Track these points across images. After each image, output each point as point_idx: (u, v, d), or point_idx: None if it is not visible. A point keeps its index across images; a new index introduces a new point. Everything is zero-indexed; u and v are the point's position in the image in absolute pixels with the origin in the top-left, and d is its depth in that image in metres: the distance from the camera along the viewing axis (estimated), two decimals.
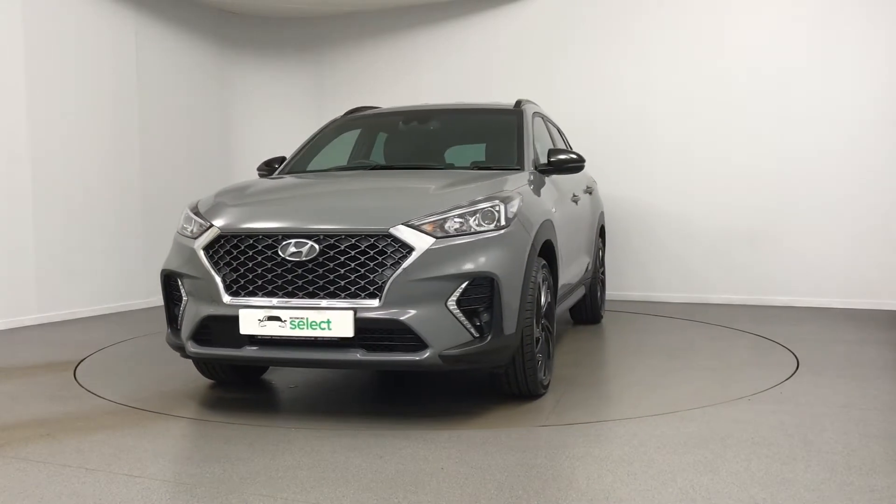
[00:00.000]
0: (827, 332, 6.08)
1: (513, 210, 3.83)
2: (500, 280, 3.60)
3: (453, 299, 3.54)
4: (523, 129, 4.93)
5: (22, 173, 6.97)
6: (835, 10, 7.30)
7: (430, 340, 3.51)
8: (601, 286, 6.80)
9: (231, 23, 9.36)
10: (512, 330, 3.70)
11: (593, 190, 6.52)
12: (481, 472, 3.00)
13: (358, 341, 3.55)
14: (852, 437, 3.38)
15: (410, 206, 3.70)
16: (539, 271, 4.01)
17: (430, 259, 3.53)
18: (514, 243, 3.77)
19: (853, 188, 7.26)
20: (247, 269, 3.70)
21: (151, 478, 3.02)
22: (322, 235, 3.61)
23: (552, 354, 4.36)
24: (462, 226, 3.65)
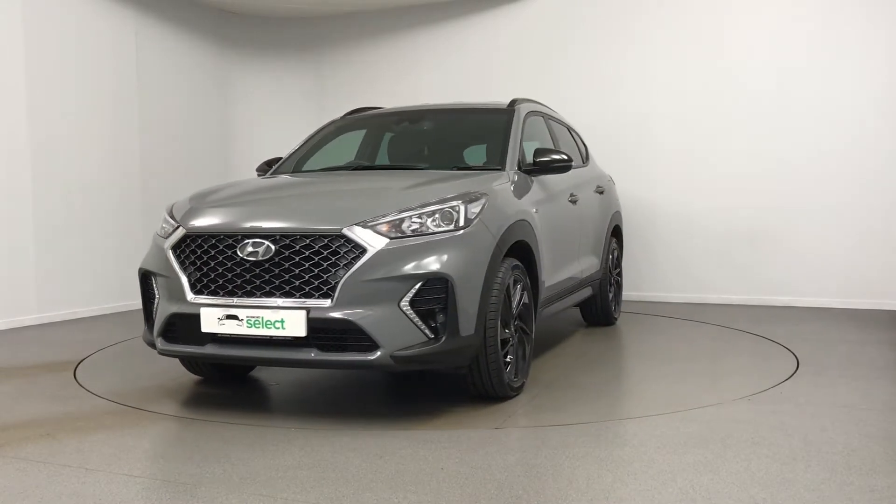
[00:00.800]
0: (827, 332, 6.08)
1: (474, 211, 3.83)
2: (454, 281, 3.60)
3: (406, 300, 3.55)
4: (510, 129, 4.90)
5: (22, 173, 6.97)
6: (835, 11, 7.30)
7: (381, 341, 3.52)
8: (616, 287, 6.66)
9: (231, 23, 9.36)
10: (470, 331, 3.69)
11: (605, 189, 6.41)
12: (481, 472, 3.00)
13: (312, 341, 3.60)
14: (852, 437, 3.38)
15: (366, 207, 3.73)
16: (509, 272, 4.00)
17: (383, 259, 3.56)
18: (474, 244, 3.76)
19: (853, 188, 7.26)
20: (209, 268, 3.79)
21: (151, 478, 3.02)
22: (278, 235, 3.67)
23: (528, 355, 4.30)
24: (420, 227, 3.68)
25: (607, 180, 6.67)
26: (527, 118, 5.22)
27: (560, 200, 5.17)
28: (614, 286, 6.61)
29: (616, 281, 6.69)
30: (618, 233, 6.76)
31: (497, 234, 3.92)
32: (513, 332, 4.08)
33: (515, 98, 5.42)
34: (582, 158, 6.34)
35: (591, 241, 5.90)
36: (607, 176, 6.77)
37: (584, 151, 6.52)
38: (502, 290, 3.90)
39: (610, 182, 6.73)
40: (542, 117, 5.66)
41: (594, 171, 6.43)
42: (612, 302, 6.54)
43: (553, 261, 4.86)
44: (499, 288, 3.87)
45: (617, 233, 6.72)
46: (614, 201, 6.69)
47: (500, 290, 3.88)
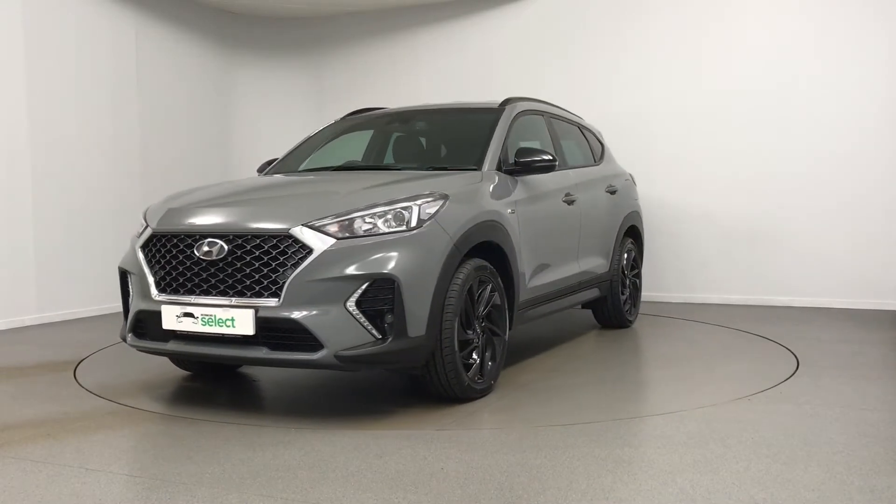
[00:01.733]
0: (827, 332, 6.08)
1: (428, 212, 3.84)
2: (401, 282, 3.61)
3: (352, 300, 3.58)
4: (495, 129, 4.88)
5: (22, 173, 6.97)
6: (837, 12, 7.30)
7: (325, 340, 3.56)
8: (632, 289, 6.47)
9: (231, 23, 9.36)
10: (420, 332, 3.69)
11: (619, 189, 6.29)
12: (481, 472, 3.00)
13: (261, 339, 3.67)
14: (852, 437, 3.37)
15: (316, 208, 3.77)
16: (473, 273, 3.99)
17: (329, 260, 3.59)
18: (426, 245, 3.76)
19: (854, 188, 7.25)
20: (171, 267, 3.91)
21: (151, 478, 3.02)
22: (231, 235, 3.75)
23: (499, 357, 4.28)
24: (372, 227, 3.71)
25: (624, 180, 6.54)
26: (518, 118, 5.16)
27: (551, 200, 5.10)
28: (629, 288, 6.43)
29: (633, 282, 6.53)
30: (634, 233, 6.60)
31: (455, 234, 3.92)
32: (478, 334, 4.08)
33: (510, 97, 5.37)
34: (594, 158, 6.26)
35: (597, 242, 5.82)
36: (625, 175, 6.64)
37: (599, 150, 6.44)
38: (462, 291, 3.91)
39: (627, 182, 6.60)
40: (543, 116, 5.62)
41: (606, 171, 6.30)
42: (627, 304, 6.38)
43: (539, 261, 4.82)
44: (458, 289, 3.88)
45: (633, 233, 6.57)
46: (630, 201, 6.52)
47: (460, 291, 3.89)
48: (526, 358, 5.25)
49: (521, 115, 5.25)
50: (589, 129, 6.53)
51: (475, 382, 4.05)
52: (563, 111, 6.18)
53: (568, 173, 5.49)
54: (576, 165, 5.83)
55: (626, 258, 6.37)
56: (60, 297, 7.24)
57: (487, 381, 4.16)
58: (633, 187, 6.77)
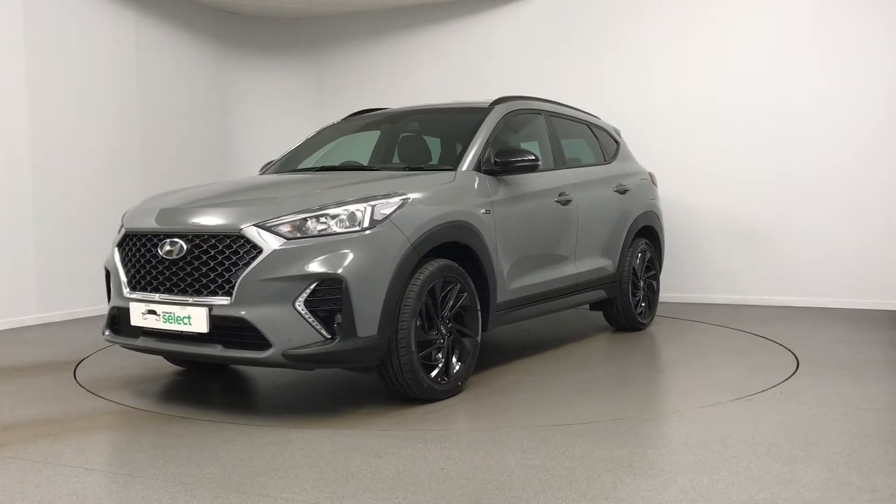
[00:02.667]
0: (827, 332, 6.07)
1: (383, 212, 3.86)
2: (349, 282, 3.64)
3: (301, 300, 3.63)
4: (478, 129, 4.85)
5: (22, 173, 6.97)
6: (841, 14, 7.29)
7: (272, 339, 3.62)
8: (646, 291, 6.32)
9: (231, 23, 9.36)
10: (371, 332, 3.72)
11: (630, 188, 6.16)
12: (481, 472, 3.00)
13: (216, 337, 3.76)
14: (852, 437, 3.37)
15: (272, 208, 3.83)
16: (437, 273, 4.01)
17: (278, 260, 3.65)
18: (379, 245, 3.79)
19: (854, 189, 7.25)
20: (140, 265, 4.05)
21: (151, 478, 3.02)
22: (190, 235, 3.86)
23: (470, 357, 4.25)
24: (325, 228, 3.74)
25: (640, 179, 6.42)
26: (509, 117, 5.13)
27: (539, 200, 5.04)
28: (643, 289, 6.27)
29: (649, 284, 6.37)
30: (650, 233, 6.43)
31: (413, 235, 3.92)
32: (443, 334, 4.09)
33: (503, 97, 5.33)
34: (604, 157, 6.18)
35: (600, 242, 5.72)
36: (641, 174, 6.51)
37: (612, 149, 6.35)
38: (422, 291, 3.92)
39: (644, 181, 6.46)
40: (542, 115, 5.58)
41: (617, 170, 6.18)
42: (641, 306, 6.23)
43: (522, 262, 4.79)
44: (417, 289, 3.89)
45: (648, 233, 6.41)
46: (644, 201, 6.36)
47: (419, 292, 3.90)
48: (527, 357, 5.26)
49: (512, 115, 5.21)
50: (602, 128, 6.43)
51: (438, 383, 4.05)
52: (570, 109, 6.10)
53: (565, 173, 5.45)
54: (578, 165, 5.78)
55: (639, 259, 6.22)
56: (60, 297, 7.24)
57: (454, 382, 4.16)
58: (651, 187, 6.60)
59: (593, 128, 6.29)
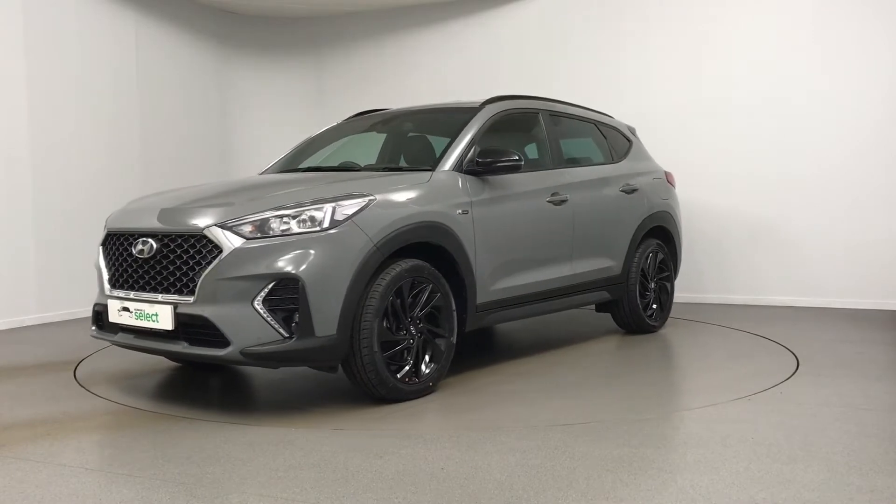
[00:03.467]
0: (827, 332, 6.07)
1: (345, 213, 3.88)
2: (306, 282, 3.69)
3: (259, 299, 3.69)
4: (462, 129, 4.85)
5: (22, 173, 6.97)
6: (840, 13, 7.30)
7: (231, 337, 3.70)
8: (658, 292, 6.18)
9: (231, 22, 9.36)
10: (331, 332, 3.76)
11: (640, 188, 6.03)
12: (481, 472, 3.00)
13: (181, 334, 3.85)
14: (852, 437, 3.37)
15: (235, 209, 3.90)
16: (404, 273, 4.02)
17: (238, 259, 3.72)
18: (339, 245, 3.82)
19: (854, 189, 7.25)
20: (118, 264, 4.19)
21: (151, 478, 3.02)
22: (160, 235, 3.98)
23: (444, 358, 4.25)
24: (286, 228, 3.79)
25: (653, 178, 6.29)
26: (499, 117, 5.09)
27: (528, 200, 4.99)
28: (654, 291, 6.13)
29: (661, 286, 6.23)
30: (663, 234, 6.30)
31: (377, 235, 3.94)
32: (413, 334, 4.10)
33: (496, 96, 5.30)
34: (612, 156, 6.08)
35: (601, 242, 5.62)
36: (654, 174, 6.37)
37: (623, 148, 6.25)
38: (387, 291, 3.94)
39: (656, 181, 6.32)
40: (540, 114, 5.51)
41: (625, 169, 6.06)
42: (652, 307, 6.10)
43: (506, 263, 4.76)
44: (381, 290, 3.91)
45: (661, 234, 6.28)
46: (656, 200, 6.20)
47: (384, 292, 3.92)
48: (529, 355, 5.26)
49: (505, 114, 5.17)
50: (613, 127, 6.32)
51: (405, 383, 4.06)
52: (575, 108, 6.01)
53: (562, 172, 5.38)
54: (579, 164, 5.73)
55: (650, 260, 6.09)
56: (60, 297, 7.24)
57: (424, 383, 4.16)
58: (665, 187, 6.44)
59: (601, 126, 6.20)
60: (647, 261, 6.05)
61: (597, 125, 6.17)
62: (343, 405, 4.14)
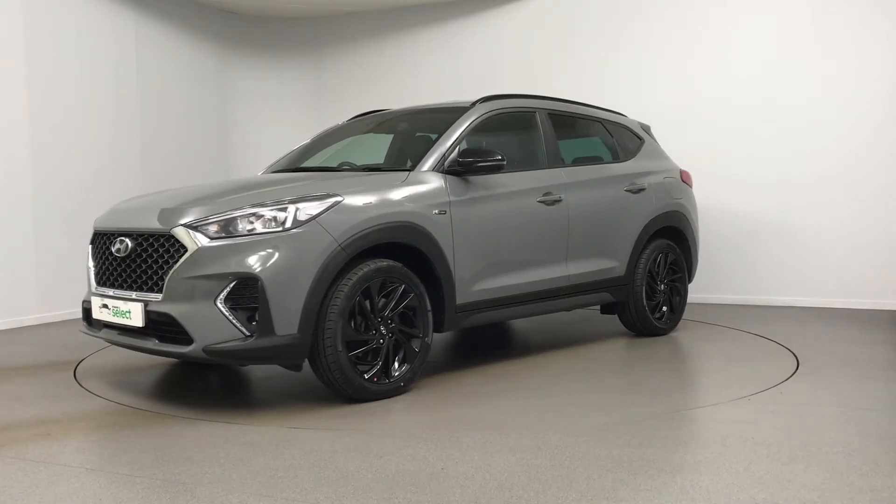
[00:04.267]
0: (827, 332, 6.07)
1: (309, 213, 3.93)
2: (265, 281, 3.75)
3: (222, 297, 3.78)
4: (447, 129, 4.83)
5: (22, 174, 6.97)
6: (842, 10, 7.30)
7: (194, 334, 3.78)
8: (669, 294, 6.03)
9: (231, 23, 9.36)
10: (291, 331, 3.81)
11: (648, 187, 5.87)
12: (481, 472, 3.00)
13: (151, 331, 3.97)
14: (852, 437, 3.37)
15: (200, 209, 3.98)
16: (371, 274, 4.04)
17: (201, 259, 3.81)
18: (302, 245, 3.86)
19: (854, 189, 7.25)
20: (101, 262, 4.34)
21: (151, 478, 3.02)
22: (135, 234, 4.11)
23: (417, 358, 4.26)
24: (252, 228, 3.86)
25: (662, 178, 6.09)
26: (488, 118, 5.05)
27: (516, 200, 4.93)
28: (664, 293, 5.97)
29: (672, 287, 6.06)
30: (674, 234, 6.13)
31: (342, 236, 3.97)
32: (383, 334, 4.12)
33: (488, 95, 5.27)
34: (619, 155, 5.95)
35: (602, 242, 5.51)
36: (666, 172, 6.19)
37: (633, 146, 6.10)
38: (353, 291, 3.96)
39: (668, 179, 6.13)
40: (537, 113, 5.42)
41: (632, 168, 5.92)
42: (662, 309, 5.96)
43: (490, 264, 4.73)
44: (347, 290, 3.94)
45: (672, 234, 6.11)
46: (666, 200, 6.03)
47: (350, 293, 3.95)
48: (532, 356, 5.26)
49: (496, 114, 5.13)
50: (622, 125, 6.20)
51: (374, 383, 4.08)
52: (579, 107, 5.91)
53: (557, 172, 5.29)
54: (579, 163, 5.63)
55: (660, 260, 5.93)
56: (60, 297, 7.23)
57: (396, 383, 4.18)
58: (678, 186, 6.26)
59: (609, 125, 6.07)
60: (655, 262, 5.90)
61: (604, 123, 6.05)
62: (343, 405, 4.14)
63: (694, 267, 6.45)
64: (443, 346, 5.77)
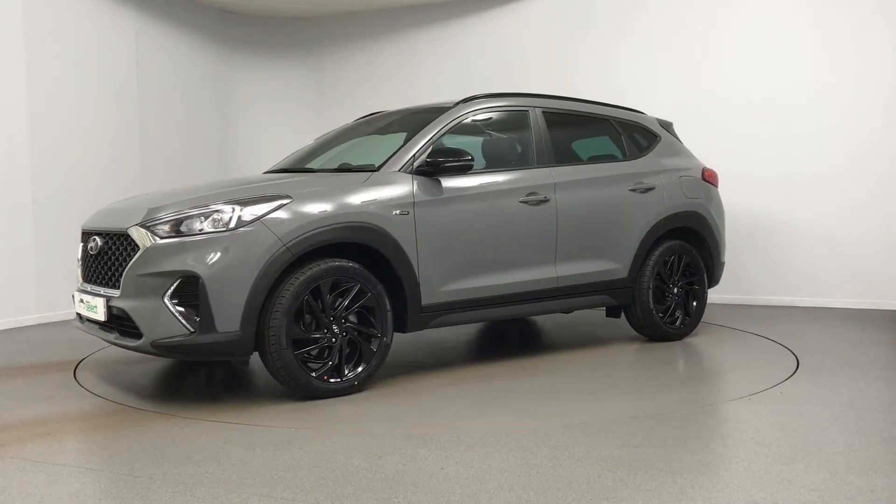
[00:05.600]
0: (827, 332, 6.07)
1: (254, 213, 4.04)
2: (205, 279, 3.90)
3: (168, 294, 3.94)
4: (422, 129, 4.84)
5: (22, 173, 6.97)
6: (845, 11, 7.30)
7: (143, 329, 3.98)
8: (683, 298, 5.76)
9: (231, 23, 9.36)
10: (233, 328, 3.94)
11: (655, 187, 5.64)
12: (481, 472, 3.00)
13: (114, 325, 4.21)
14: (852, 437, 3.37)
15: (156, 209, 4.16)
16: (321, 273, 4.11)
17: (151, 257, 4.01)
18: (245, 245, 3.98)
19: (854, 188, 7.25)
20: (84, 259, 4.59)
21: (151, 478, 3.02)
22: (104, 233, 4.37)
23: (375, 357, 4.31)
24: (201, 227, 4.01)
25: (678, 176, 5.83)
26: (468, 117, 5.02)
27: (492, 201, 4.86)
28: (677, 297, 5.71)
29: (687, 291, 5.78)
30: (689, 235, 5.85)
31: (288, 236, 4.07)
32: (335, 333, 4.19)
33: (477, 94, 5.25)
34: (626, 153, 5.74)
35: (600, 243, 5.35)
36: (682, 171, 5.90)
37: (643, 144, 5.86)
38: (300, 290, 4.05)
39: (683, 178, 5.84)
40: (530, 112, 5.30)
41: (640, 167, 5.69)
42: (676, 314, 5.71)
43: (463, 264, 4.69)
44: (294, 289, 4.03)
45: (686, 235, 5.83)
46: (680, 199, 5.76)
47: (297, 291, 4.04)
48: (534, 357, 5.26)
49: (480, 113, 5.09)
50: (633, 123, 5.96)
51: (325, 382, 4.16)
52: (582, 104, 5.76)
53: (545, 171, 5.17)
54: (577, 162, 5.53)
55: (673, 263, 5.68)
56: (60, 297, 7.23)
57: (349, 381, 4.24)
58: (697, 185, 5.94)
59: (617, 122, 5.85)
60: (666, 264, 5.66)
61: (611, 121, 5.84)
62: (342, 405, 4.14)
63: (717, 270, 6.10)
64: (443, 347, 5.77)
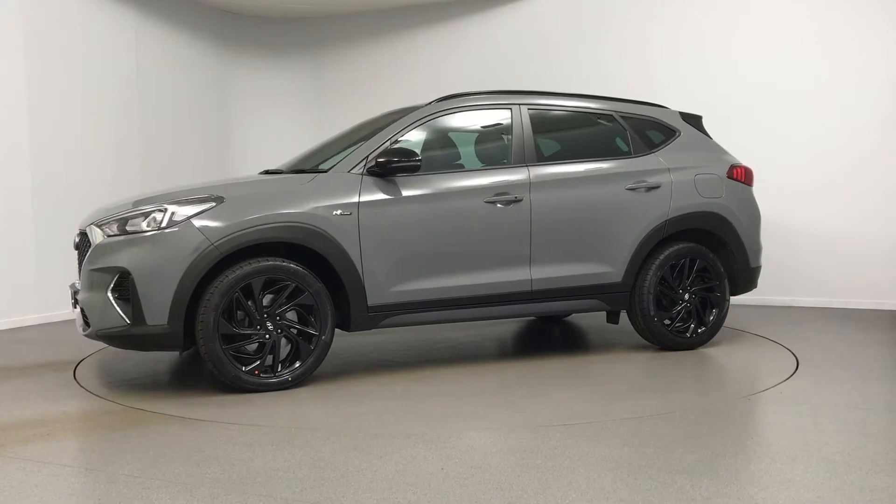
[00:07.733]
0: (827, 332, 6.08)
1: (184, 213, 4.27)
2: (135, 275, 4.18)
3: (111, 288, 4.26)
4: (381, 130, 4.88)
5: (22, 173, 6.97)
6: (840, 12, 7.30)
7: (91, 320, 4.36)
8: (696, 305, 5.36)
9: (231, 23, 9.36)
10: (161, 321, 4.20)
11: (660, 185, 5.27)
12: (481, 472, 3.00)
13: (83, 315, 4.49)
14: (852, 437, 3.38)
15: (111, 209, 4.53)
16: (252, 272, 4.28)
17: (99, 253, 4.34)
18: (173, 244, 4.23)
19: (854, 188, 7.25)
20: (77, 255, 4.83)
21: (151, 478, 3.02)
22: (80, 231, 4.66)
23: (311, 355, 4.43)
24: (140, 227, 4.28)
25: (693, 174, 5.42)
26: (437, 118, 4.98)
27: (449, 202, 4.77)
28: (689, 303, 5.33)
29: (700, 298, 5.38)
30: (706, 238, 5.47)
31: (216, 235, 4.26)
32: (269, 330, 4.36)
33: (452, 94, 5.24)
34: (629, 150, 5.40)
35: (585, 245, 5.10)
36: (697, 169, 5.45)
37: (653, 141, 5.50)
38: (230, 288, 4.26)
39: (699, 177, 5.43)
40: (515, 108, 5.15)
41: (642, 165, 5.34)
42: (688, 322, 5.34)
43: (416, 265, 4.67)
44: (223, 286, 4.24)
45: (702, 238, 5.46)
46: (692, 199, 5.37)
47: (226, 289, 4.25)
48: (537, 357, 5.25)
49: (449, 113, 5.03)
50: (645, 117, 5.59)
51: (256, 377, 4.34)
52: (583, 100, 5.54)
53: (522, 170, 4.98)
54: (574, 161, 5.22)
55: (679, 268, 5.30)
56: (60, 297, 7.22)
57: (283, 377, 4.40)
58: (717, 184, 5.48)
59: (623, 117, 5.51)
60: (673, 268, 5.28)
61: (615, 116, 5.51)
62: (343, 406, 4.14)
63: (747, 276, 5.62)
64: (443, 347, 5.77)
